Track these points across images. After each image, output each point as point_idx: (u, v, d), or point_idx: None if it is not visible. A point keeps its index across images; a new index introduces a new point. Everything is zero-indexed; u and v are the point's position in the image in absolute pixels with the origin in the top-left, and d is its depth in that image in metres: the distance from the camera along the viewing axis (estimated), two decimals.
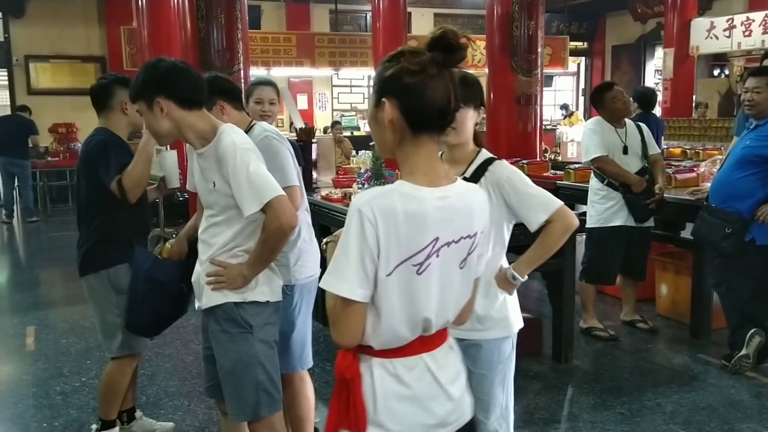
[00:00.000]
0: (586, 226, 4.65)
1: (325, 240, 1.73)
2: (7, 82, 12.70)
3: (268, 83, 3.24)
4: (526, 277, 2.34)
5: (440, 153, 2.30)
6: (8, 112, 12.68)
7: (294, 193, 2.71)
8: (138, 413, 3.44)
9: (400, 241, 1.44)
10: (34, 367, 4.42)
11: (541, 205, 2.25)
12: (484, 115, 2.61)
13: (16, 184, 10.17)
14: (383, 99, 1.50)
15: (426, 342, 1.56)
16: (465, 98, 2.20)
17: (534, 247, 2.33)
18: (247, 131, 2.78)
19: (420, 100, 1.47)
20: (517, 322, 2.39)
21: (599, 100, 4.69)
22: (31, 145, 10.16)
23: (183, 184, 3.14)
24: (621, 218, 4.57)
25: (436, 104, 1.48)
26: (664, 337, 4.84)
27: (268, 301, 2.40)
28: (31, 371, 4.34)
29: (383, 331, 1.51)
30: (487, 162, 2.31)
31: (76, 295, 5.91)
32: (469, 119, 2.29)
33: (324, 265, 1.57)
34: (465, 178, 2.18)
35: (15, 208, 10.28)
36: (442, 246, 1.49)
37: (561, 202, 2.27)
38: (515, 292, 2.40)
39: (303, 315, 2.91)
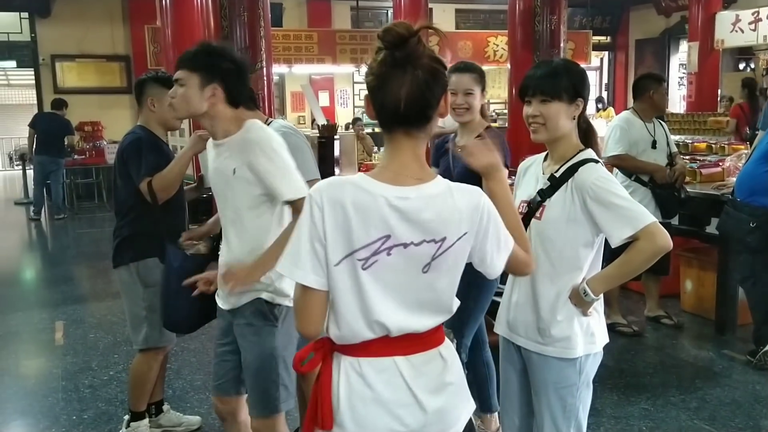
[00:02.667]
0: None
1: None
2: (34, 82, 12.89)
3: (467, 69, 3.02)
4: (601, 296, 2.11)
5: (545, 152, 2.22)
6: (35, 110, 12.90)
7: None
8: (166, 406, 3.50)
9: (346, 231, 1.44)
10: (63, 361, 4.50)
11: (627, 219, 2.00)
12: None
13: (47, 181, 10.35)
14: (365, 96, 1.54)
15: (398, 344, 1.51)
16: None
17: (615, 265, 2.10)
18: None
19: (378, 98, 1.48)
20: (587, 346, 2.12)
21: (644, 88, 4.63)
22: (66, 144, 10.33)
23: None
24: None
25: (394, 102, 1.45)
26: (688, 333, 4.81)
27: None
28: (61, 365, 4.42)
29: (340, 325, 1.49)
30: (580, 163, 2.10)
31: (103, 291, 6.00)
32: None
33: None
34: (553, 177, 2.12)
35: (44, 205, 10.44)
36: (395, 245, 1.45)
37: (653, 219, 2.01)
38: (597, 313, 2.16)
39: None
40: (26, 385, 4.16)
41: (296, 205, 2.23)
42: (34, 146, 10.09)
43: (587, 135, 2.19)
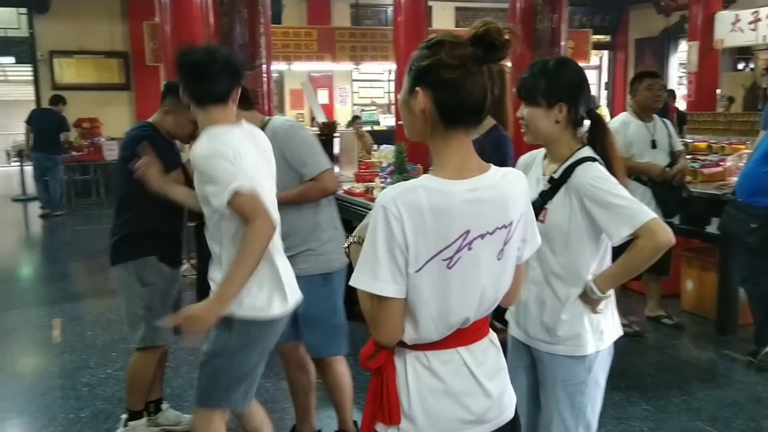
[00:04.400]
0: None
1: (346, 243, 1.65)
2: (32, 78, 12.84)
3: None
4: (610, 293, 2.12)
5: (543, 151, 2.22)
6: (33, 107, 12.84)
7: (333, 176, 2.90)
8: (164, 405, 3.48)
9: (428, 236, 1.41)
10: (61, 358, 4.47)
11: (626, 218, 1.99)
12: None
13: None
14: (417, 88, 1.46)
15: (462, 335, 1.53)
16: None
17: (618, 263, 2.09)
18: (262, 127, 2.80)
19: (456, 96, 1.44)
20: (596, 344, 2.13)
21: (636, 85, 4.63)
22: (62, 141, 10.31)
23: None
24: None
25: (472, 101, 1.45)
26: (689, 333, 4.80)
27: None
28: (58, 363, 4.40)
29: (419, 328, 1.48)
30: (576, 163, 2.09)
31: (100, 288, 5.97)
32: None
33: (350, 266, 1.55)
34: (552, 179, 2.10)
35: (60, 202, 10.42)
36: (474, 239, 1.45)
37: (652, 215, 2.00)
38: (609, 310, 2.17)
39: (341, 301, 3.01)
40: (23, 383, 4.14)
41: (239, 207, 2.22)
42: (31, 143, 10.06)
43: (595, 131, 2.17)
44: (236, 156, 2.22)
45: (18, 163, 12.00)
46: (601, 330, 2.14)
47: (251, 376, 2.46)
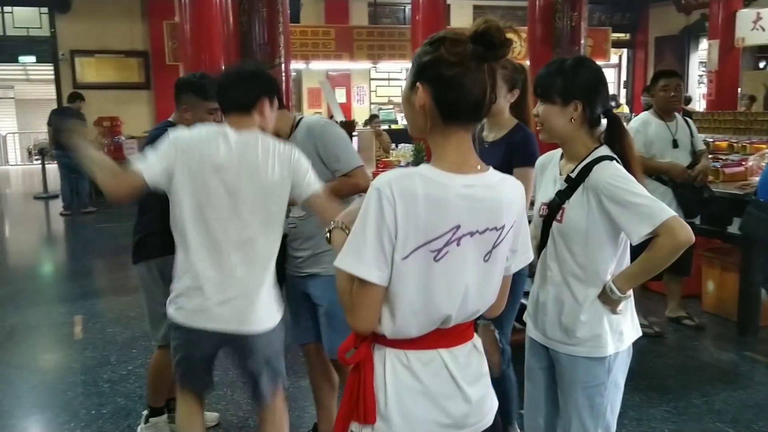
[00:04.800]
0: None
1: (327, 228, 1.64)
2: (53, 77, 12.98)
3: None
4: (630, 293, 2.08)
5: (560, 151, 2.21)
6: (54, 105, 12.97)
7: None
8: None
9: (419, 224, 1.41)
10: (82, 355, 4.52)
11: (645, 216, 1.95)
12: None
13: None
14: (417, 84, 1.48)
15: (444, 336, 1.52)
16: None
17: (638, 262, 2.06)
18: (294, 126, 2.83)
19: (453, 93, 1.45)
20: (616, 344, 2.10)
21: (653, 85, 4.61)
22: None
23: None
24: None
25: (471, 98, 1.45)
26: (710, 334, 4.76)
27: None
28: (80, 359, 4.44)
29: (397, 319, 1.47)
30: (594, 162, 2.06)
31: (121, 286, 6.03)
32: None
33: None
34: (569, 178, 2.09)
35: (74, 200, 10.51)
36: (463, 235, 1.45)
37: (672, 213, 1.97)
38: (628, 311, 2.15)
39: None
40: (45, 379, 4.18)
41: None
42: (54, 143, 10.19)
43: (612, 130, 2.15)
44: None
45: (39, 162, 12.13)
46: (621, 331, 2.12)
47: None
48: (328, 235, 1.63)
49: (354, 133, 5.53)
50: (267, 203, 2.40)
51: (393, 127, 13.09)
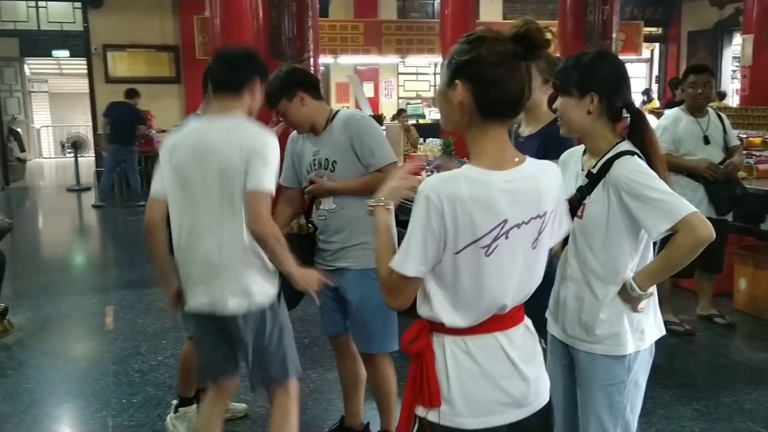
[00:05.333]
0: None
1: (372, 203, 1.71)
2: (86, 71, 13.17)
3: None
4: (651, 290, 2.05)
5: (583, 147, 2.20)
6: (87, 99, 13.19)
7: None
8: None
9: (467, 224, 1.48)
10: (114, 345, 4.59)
11: (664, 212, 1.93)
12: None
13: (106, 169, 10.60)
14: (456, 81, 1.52)
15: (499, 320, 1.58)
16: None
17: (658, 259, 2.05)
18: (330, 119, 2.84)
19: (495, 91, 1.50)
20: (636, 343, 2.08)
21: (682, 81, 4.56)
22: (138, 134, 10.59)
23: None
24: (702, 210, 4.36)
25: (510, 96, 1.52)
26: (742, 332, 4.69)
27: None
28: (111, 349, 4.52)
29: (455, 310, 1.54)
30: (615, 157, 2.04)
31: (151, 277, 6.10)
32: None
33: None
34: (590, 174, 2.08)
35: (115, 193, 10.69)
36: (511, 228, 1.51)
37: (692, 209, 1.93)
38: (651, 309, 2.12)
39: None
40: (78, 368, 4.26)
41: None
42: (108, 135, 10.40)
43: (634, 126, 2.12)
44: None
45: (72, 155, 12.32)
46: (642, 329, 2.09)
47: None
48: (370, 208, 1.70)
49: (382, 128, 5.51)
50: (230, 188, 2.39)
51: (421, 121, 13.07)
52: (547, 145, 2.74)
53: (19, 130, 13.50)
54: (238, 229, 2.41)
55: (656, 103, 13.12)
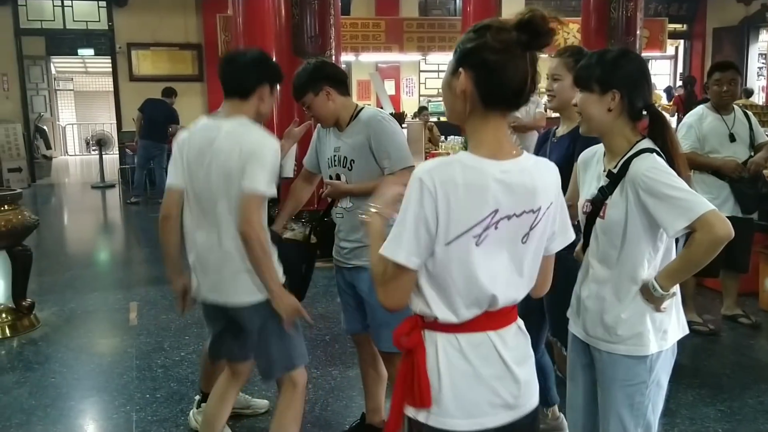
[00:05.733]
0: None
1: (363, 213, 1.71)
2: (110, 69, 13.32)
3: (559, 53, 2.86)
4: (673, 290, 2.03)
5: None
6: (111, 98, 13.33)
7: None
8: None
9: (460, 211, 1.46)
10: (137, 340, 4.64)
11: (682, 210, 1.90)
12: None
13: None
14: (460, 69, 1.52)
15: (492, 318, 1.56)
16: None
17: (678, 258, 2.03)
18: (354, 116, 2.84)
19: (496, 79, 1.49)
20: (659, 343, 2.06)
21: (708, 78, 4.51)
22: (169, 132, 10.70)
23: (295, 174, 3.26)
24: (727, 209, 4.36)
25: (512, 85, 1.49)
26: (767, 333, 4.62)
27: None
28: (135, 344, 4.57)
29: (446, 303, 1.52)
30: (635, 155, 2.02)
31: None
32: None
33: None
34: (611, 174, 2.07)
35: (146, 190, 10.81)
36: (501, 219, 1.49)
37: (710, 207, 1.90)
38: (673, 308, 2.10)
39: None
40: (102, 363, 4.31)
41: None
42: (141, 130, 10.52)
43: (654, 124, 2.10)
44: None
45: (97, 152, 12.46)
46: (665, 329, 2.07)
47: None
48: (363, 218, 1.70)
49: (403, 125, 5.52)
50: (229, 189, 2.45)
51: (442, 119, 13.03)
52: (575, 145, 2.67)
53: (45, 127, 13.67)
54: (236, 227, 2.46)
55: (663, 99, 13.01)
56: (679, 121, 11.51)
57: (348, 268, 2.93)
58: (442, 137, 9.49)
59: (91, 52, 14.02)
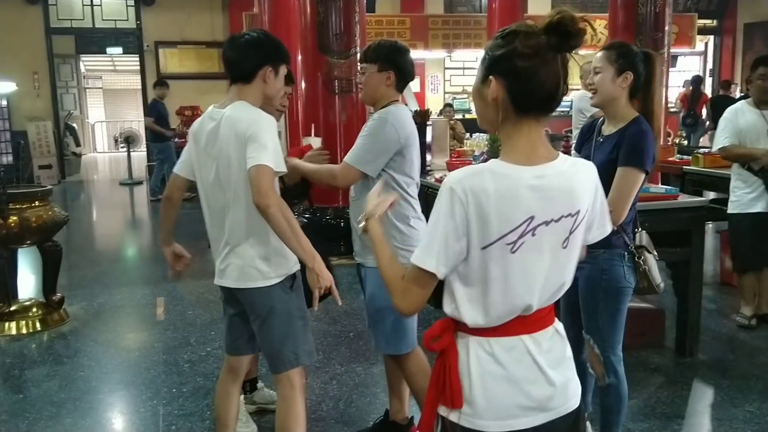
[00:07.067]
0: (728, 212, 4.49)
1: (360, 220, 1.76)
2: (138, 67, 13.47)
3: (604, 48, 2.77)
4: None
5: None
6: (139, 95, 13.48)
7: None
8: (260, 384, 3.59)
9: (492, 220, 1.44)
10: (164, 335, 4.69)
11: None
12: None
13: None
14: (491, 77, 1.49)
15: (525, 323, 1.54)
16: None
17: None
18: (382, 107, 2.85)
19: (529, 85, 1.46)
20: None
21: (752, 73, 4.44)
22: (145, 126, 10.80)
23: None
24: (761, 205, 4.31)
25: (545, 89, 1.47)
26: None
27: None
28: (162, 339, 4.62)
29: (479, 309, 1.50)
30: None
31: (200, 270, 6.18)
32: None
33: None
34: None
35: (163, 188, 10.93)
36: (538, 225, 1.47)
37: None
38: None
39: None
40: (130, 357, 4.37)
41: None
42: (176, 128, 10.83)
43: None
44: None
45: (125, 149, 12.62)
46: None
47: None
48: (363, 224, 1.73)
49: (428, 123, 5.50)
50: (230, 174, 2.47)
51: (467, 116, 12.98)
52: (619, 147, 2.60)
53: (74, 125, 13.88)
54: (240, 212, 2.48)
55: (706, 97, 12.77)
56: (684, 117, 11.42)
57: (357, 263, 2.97)
58: (467, 134, 9.44)
59: (119, 50, 14.22)
